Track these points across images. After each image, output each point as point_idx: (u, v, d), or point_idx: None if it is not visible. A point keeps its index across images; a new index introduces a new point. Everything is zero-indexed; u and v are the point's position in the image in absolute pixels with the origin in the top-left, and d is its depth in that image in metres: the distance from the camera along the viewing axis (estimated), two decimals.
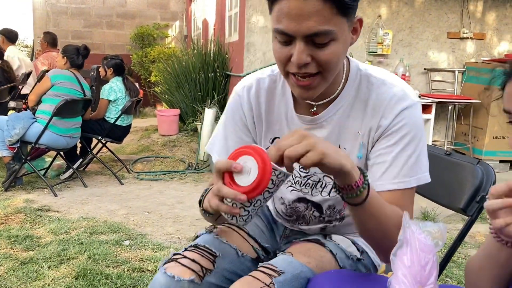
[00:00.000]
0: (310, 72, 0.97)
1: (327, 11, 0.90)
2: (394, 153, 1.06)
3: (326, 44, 0.94)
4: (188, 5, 10.01)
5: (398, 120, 1.06)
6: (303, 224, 1.28)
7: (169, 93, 6.43)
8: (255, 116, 1.20)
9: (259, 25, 4.92)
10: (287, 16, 0.91)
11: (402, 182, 1.05)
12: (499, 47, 5.60)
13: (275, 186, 0.88)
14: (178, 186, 4.52)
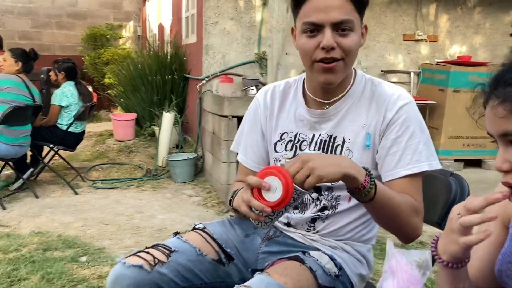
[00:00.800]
0: (335, 57, 1.15)
1: (348, 6, 1.15)
2: (404, 142, 1.19)
3: (348, 32, 1.15)
4: (142, 5, 9.76)
5: (401, 113, 1.21)
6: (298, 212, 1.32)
7: (124, 97, 6.22)
8: (269, 114, 1.37)
9: (218, 27, 4.83)
10: (316, 10, 1.14)
11: (415, 166, 1.18)
12: (452, 49, 5.76)
13: (295, 201, 1.06)
14: (136, 194, 4.36)
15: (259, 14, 4.91)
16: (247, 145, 1.42)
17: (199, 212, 3.94)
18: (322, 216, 1.29)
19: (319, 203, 1.29)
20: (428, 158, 1.19)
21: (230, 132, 4.10)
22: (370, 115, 1.25)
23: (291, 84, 1.38)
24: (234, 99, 4.09)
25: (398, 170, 1.19)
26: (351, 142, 1.25)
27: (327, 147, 1.27)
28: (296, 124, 1.33)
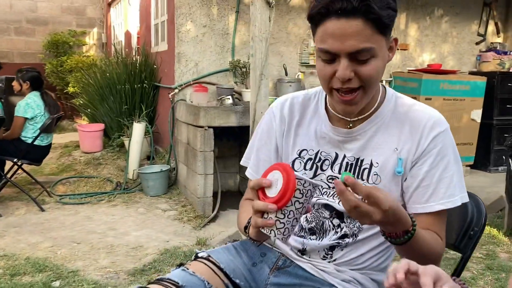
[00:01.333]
0: (352, 87, 1.05)
1: (367, 31, 0.99)
2: (438, 175, 1.11)
3: (367, 60, 1.02)
4: (106, 12, 9.49)
5: (436, 142, 1.12)
6: (315, 239, 1.22)
7: (91, 106, 5.97)
8: (286, 129, 1.26)
9: (190, 34, 4.69)
10: (331, 36, 1.00)
11: (449, 201, 1.10)
12: (422, 57, 5.84)
13: (304, 196, 0.95)
14: (107, 209, 4.16)
15: (232, 22, 4.81)
16: (259, 161, 1.29)
17: (175, 227, 3.79)
18: (342, 244, 1.19)
19: (340, 230, 1.19)
20: (460, 191, 1.12)
21: (206, 143, 3.98)
22: (403, 138, 1.14)
23: (311, 97, 1.27)
24: (210, 109, 3.97)
25: (430, 204, 1.11)
26: (380, 167, 1.15)
27: (353, 171, 1.17)
28: (317, 142, 1.21)
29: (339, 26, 0.99)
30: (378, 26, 1.00)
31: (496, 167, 5.45)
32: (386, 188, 1.12)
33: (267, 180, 0.96)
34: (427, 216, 1.11)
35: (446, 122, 1.15)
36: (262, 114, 2.86)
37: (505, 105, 5.39)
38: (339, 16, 0.98)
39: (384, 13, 0.99)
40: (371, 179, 1.15)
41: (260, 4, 2.69)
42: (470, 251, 1.23)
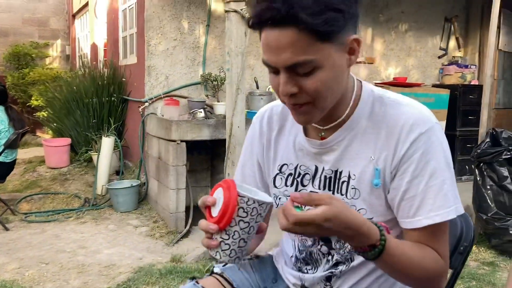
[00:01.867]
0: (299, 103, 0.94)
1: (303, 41, 0.87)
2: (423, 184, 0.96)
3: (310, 72, 0.90)
4: (71, 23, 9.29)
5: (418, 146, 0.97)
6: (311, 269, 1.14)
7: (57, 120, 5.80)
8: (266, 143, 1.18)
9: (160, 47, 4.65)
10: (267, 48, 0.91)
11: (438, 214, 0.96)
12: (387, 71, 5.99)
13: (249, 214, 0.88)
14: (76, 227, 4.03)
15: (203, 35, 4.80)
16: (244, 176, 1.22)
17: (148, 244, 3.71)
18: (336, 273, 1.11)
19: (331, 258, 1.11)
20: (454, 202, 0.97)
21: (178, 158, 3.93)
22: (379, 145, 1.01)
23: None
24: (183, 123, 3.93)
25: (417, 218, 0.97)
26: (357, 179, 1.02)
27: (332, 185, 1.06)
28: (296, 154, 1.11)
29: (273, 37, 0.88)
30: (315, 34, 0.87)
31: (460, 177, 5.62)
32: (366, 202, 1.02)
33: (211, 198, 0.90)
34: (419, 231, 0.97)
35: (430, 120, 0.98)
36: (239, 128, 2.85)
37: (467, 116, 5.59)
38: (272, 26, 0.87)
39: (319, 20, 0.85)
40: (349, 193, 1.03)
41: (235, 19, 2.70)
42: (460, 266, 1.25)
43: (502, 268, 3.30)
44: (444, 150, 0.99)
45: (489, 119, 4.65)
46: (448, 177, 0.98)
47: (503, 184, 3.45)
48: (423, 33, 6.18)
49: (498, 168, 3.48)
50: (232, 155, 2.90)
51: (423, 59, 6.23)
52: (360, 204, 1.02)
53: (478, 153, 3.57)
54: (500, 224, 3.42)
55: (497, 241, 3.51)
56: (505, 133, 3.65)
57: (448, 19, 6.29)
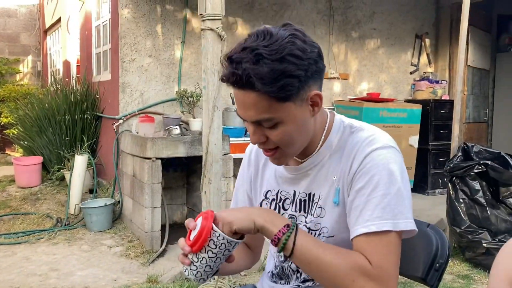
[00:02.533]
0: (269, 148, 1.08)
1: (263, 102, 0.99)
2: (366, 195, 1.04)
3: (274, 126, 1.03)
4: (42, 39, 9.15)
5: (367, 161, 1.05)
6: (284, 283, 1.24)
7: (28, 138, 5.66)
8: (253, 172, 1.30)
9: (135, 64, 4.62)
10: (237, 103, 1.05)
11: (374, 224, 1.00)
12: (361, 86, 6.09)
13: (217, 247, 1.01)
14: (48, 248, 3.91)
15: (178, 51, 4.80)
16: (237, 201, 1.36)
17: (123, 264, 3.62)
18: (303, 287, 1.19)
19: (300, 275, 1.20)
20: (394, 216, 1.00)
21: (154, 175, 3.88)
22: (341, 167, 1.11)
23: None
24: (158, 140, 3.89)
25: (356, 227, 1.03)
26: (323, 199, 1.13)
27: (306, 207, 1.16)
28: (277, 181, 1.23)
29: (239, 96, 1.02)
30: (274, 97, 0.98)
31: (434, 190, 5.73)
32: (330, 220, 1.11)
33: (192, 223, 1.03)
34: (358, 240, 1.02)
35: (383, 141, 1.07)
36: (215, 145, 2.84)
37: (439, 131, 5.72)
38: (236, 87, 1.00)
39: (274, 88, 0.96)
40: (315, 212, 1.13)
41: (212, 38, 2.71)
42: (437, 283, 1.26)
43: (476, 280, 3.35)
44: (390, 168, 1.04)
45: (460, 133, 4.76)
46: (392, 193, 1.02)
47: (475, 197, 3.52)
48: (395, 49, 6.32)
49: (470, 181, 3.55)
50: (208, 172, 2.88)
51: (395, 74, 6.36)
52: (324, 222, 1.12)
53: (450, 167, 3.64)
54: (473, 237, 3.48)
55: (471, 254, 3.57)
56: (476, 147, 3.73)
57: (419, 36, 6.46)
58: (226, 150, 4.03)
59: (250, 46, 0.96)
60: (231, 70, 0.97)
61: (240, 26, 5.13)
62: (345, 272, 0.97)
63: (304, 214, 1.16)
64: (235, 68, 0.97)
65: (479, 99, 6.72)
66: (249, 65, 0.95)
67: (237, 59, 0.97)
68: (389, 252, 1.01)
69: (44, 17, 8.88)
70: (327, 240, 1.10)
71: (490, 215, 3.48)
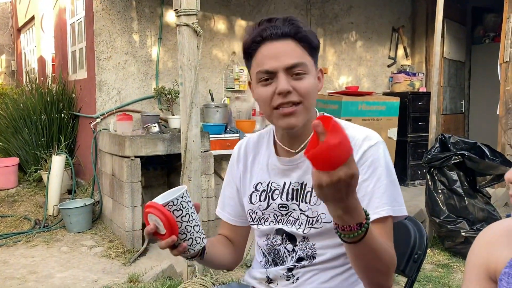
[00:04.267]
0: (293, 101, 1.14)
1: (299, 50, 1.15)
2: (372, 185, 1.14)
3: (302, 76, 1.14)
4: (16, 38, 8.96)
5: (368, 155, 1.16)
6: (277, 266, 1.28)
7: (3, 140, 5.54)
8: (243, 167, 1.36)
9: (111, 62, 4.54)
10: (268, 58, 1.14)
11: (383, 210, 1.12)
12: (339, 80, 6.12)
13: (182, 209, 1.05)
14: (26, 251, 3.83)
15: (155, 48, 4.74)
16: (224, 198, 1.41)
17: (104, 264, 3.58)
18: (298, 266, 1.24)
19: (295, 254, 1.24)
20: (392, 203, 1.14)
21: (133, 174, 3.83)
22: None
23: (264, 135, 1.36)
24: (136, 138, 3.84)
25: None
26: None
27: (298, 195, 1.24)
28: (269, 173, 1.30)
29: (274, 47, 1.13)
30: (307, 46, 1.15)
31: (413, 181, 5.80)
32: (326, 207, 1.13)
33: (150, 225, 1.05)
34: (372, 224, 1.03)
35: (377, 137, 1.20)
36: (194, 142, 2.81)
37: (417, 123, 5.79)
38: (272, 40, 1.13)
39: (311, 38, 1.16)
40: (312, 201, 1.20)
41: (187, 33, 2.67)
42: (415, 274, 1.27)
43: (455, 269, 3.40)
44: (387, 161, 1.18)
45: (438, 124, 4.82)
46: (389, 183, 1.16)
47: (453, 187, 3.57)
48: (372, 43, 6.36)
49: (448, 172, 3.60)
50: (188, 170, 2.85)
51: (373, 68, 6.41)
52: (321, 209, 1.18)
53: (428, 158, 3.69)
54: (452, 227, 3.54)
55: (450, 243, 3.62)
56: (453, 138, 3.79)
57: (396, 29, 6.52)
58: (206, 146, 4.01)
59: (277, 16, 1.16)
60: (270, 25, 1.14)
61: (217, 22, 5.09)
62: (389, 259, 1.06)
63: (296, 203, 1.23)
64: (274, 23, 1.14)
65: (456, 91, 6.83)
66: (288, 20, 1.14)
67: (275, 18, 1.15)
68: (391, 234, 1.15)
69: (16, 15, 8.69)
70: (325, 225, 1.18)
71: (467, 205, 3.54)
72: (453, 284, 3.12)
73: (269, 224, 1.28)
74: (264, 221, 1.29)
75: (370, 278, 1.08)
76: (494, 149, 3.71)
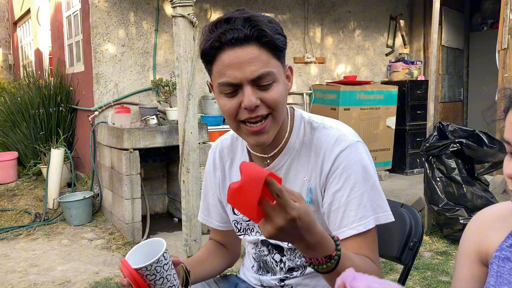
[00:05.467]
0: (261, 114, 1.02)
1: (264, 56, 1.00)
2: (345, 196, 1.05)
3: (270, 85, 1.01)
4: (12, 31, 8.91)
5: (339, 162, 1.07)
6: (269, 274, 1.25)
7: (1, 134, 5.54)
8: (221, 175, 1.27)
9: (108, 54, 4.53)
10: (230, 67, 0.99)
11: (361, 224, 1.03)
12: (337, 69, 6.10)
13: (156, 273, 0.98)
14: (27, 244, 3.85)
15: (152, 40, 4.72)
16: (208, 205, 1.34)
17: (104, 257, 3.60)
18: (290, 277, 1.20)
19: (283, 265, 1.20)
20: (374, 211, 1.05)
21: (132, 166, 3.84)
22: (310, 166, 1.12)
23: (238, 136, 1.25)
24: (135, 130, 3.84)
25: (343, 229, 1.04)
26: None
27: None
28: None
29: (235, 55, 0.98)
30: (273, 50, 1.01)
31: (412, 170, 5.81)
32: None
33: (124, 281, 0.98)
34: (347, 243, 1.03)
35: (351, 137, 1.10)
36: (192, 134, 2.82)
37: (415, 111, 5.78)
38: (233, 45, 0.98)
39: (275, 38, 1.01)
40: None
41: (183, 25, 2.66)
42: (411, 262, 1.28)
43: (454, 256, 3.42)
44: (363, 165, 1.07)
45: (436, 113, 4.82)
46: (367, 189, 1.06)
47: (452, 175, 3.58)
48: (370, 31, 6.34)
49: (446, 160, 3.61)
50: (186, 162, 2.85)
51: (372, 57, 6.39)
52: None
53: (426, 146, 3.69)
54: (451, 214, 3.55)
55: (448, 231, 3.64)
56: (451, 126, 3.79)
57: (393, 17, 6.49)
58: (205, 138, 4.01)
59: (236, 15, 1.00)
60: (229, 27, 0.98)
61: (213, 12, 5.07)
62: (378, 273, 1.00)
63: None
64: (233, 25, 0.98)
65: (454, 79, 6.82)
66: (249, 21, 0.98)
67: (233, 18, 0.99)
68: (375, 245, 1.07)
69: (12, 8, 8.64)
70: None
71: (466, 192, 3.55)
72: (452, 271, 3.14)
73: (255, 235, 1.23)
74: (250, 231, 1.24)
75: None
76: (493, 137, 3.71)
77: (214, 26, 1.00)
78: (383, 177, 5.49)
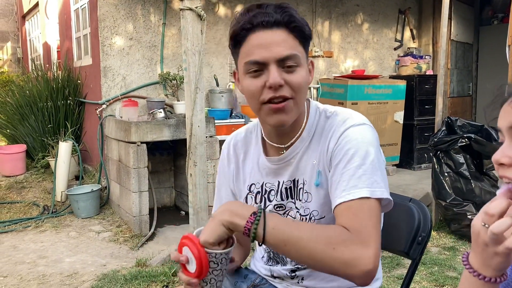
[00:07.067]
0: (285, 95, 1.06)
1: (292, 40, 1.06)
2: (341, 168, 1.06)
3: (294, 68, 1.06)
4: (21, 25, 8.95)
5: (341, 139, 1.09)
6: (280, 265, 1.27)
7: (10, 127, 5.58)
8: (235, 167, 1.30)
9: (116, 47, 4.54)
10: (258, 47, 1.04)
11: (349, 193, 1.02)
12: (345, 64, 6.07)
13: (219, 264, 1.01)
14: (35, 236, 3.88)
15: (159, 34, 4.72)
16: (221, 198, 1.34)
17: (111, 249, 3.62)
18: (301, 267, 1.22)
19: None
20: (371, 184, 1.02)
21: (139, 159, 3.85)
22: (319, 150, 1.15)
23: (252, 130, 1.29)
24: (142, 124, 3.85)
25: (335, 199, 1.05)
26: (307, 184, 1.16)
27: (292, 193, 1.19)
28: (261, 173, 1.24)
29: (265, 36, 1.04)
30: (300, 37, 1.07)
31: (420, 165, 5.78)
32: (317, 203, 1.14)
33: (183, 257, 1.00)
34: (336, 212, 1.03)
35: (356, 120, 1.11)
36: (199, 127, 2.82)
37: (423, 106, 5.75)
38: (264, 28, 1.04)
39: (303, 27, 1.07)
40: (303, 197, 1.16)
41: (191, 18, 2.66)
42: (419, 256, 1.28)
43: (462, 252, 3.40)
44: (365, 142, 1.07)
45: (445, 107, 4.78)
46: (367, 164, 1.04)
47: (460, 170, 3.56)
48: (378, 25, 6.29)
49: (454, 155, 3.58)
50: (193, 155, 2.86)
51: (380, 51, 6.35)
52: (313, 206, 1.15)
53: (435, 141, 3.67)
54: (458, 210, 3.53)
55: (456, 226, 3.62)
56: (460, 121, 3.76)
57: (402, 11, 6.43)
58: (212, 132, 4.01)
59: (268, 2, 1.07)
60: (261, 11, 1.04)
61: (221, 6, 5.05)
62: (323, 243, 0.95)
63: (292, 201, 1.19)
64: (265, 10, 1.04)
65: (463, 73, 6.76)
66: (280, 7, 1.05)
67: (265, 4, 1.06)
68: (368, 217, 1.00)
69: (21, 2, 8.67)
70: (319, 222, 1.14)
71: (474, 188, 3.53)
72: (459, 266, 3.13)
73: None
74: None
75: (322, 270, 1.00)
76: None
77: (247, 11, 1.06)
78: (391, 172, 5.46)
